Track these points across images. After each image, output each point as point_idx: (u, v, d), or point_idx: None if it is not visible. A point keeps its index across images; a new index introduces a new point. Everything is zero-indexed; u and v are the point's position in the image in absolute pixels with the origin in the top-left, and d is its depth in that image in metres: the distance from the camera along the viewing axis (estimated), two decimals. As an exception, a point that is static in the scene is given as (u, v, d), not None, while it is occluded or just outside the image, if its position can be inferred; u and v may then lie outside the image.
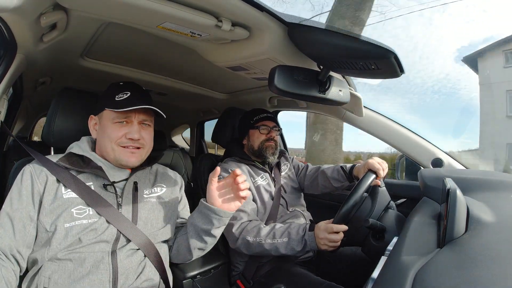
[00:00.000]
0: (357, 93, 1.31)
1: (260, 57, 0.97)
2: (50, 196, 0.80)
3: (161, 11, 0.75)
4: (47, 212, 0.78)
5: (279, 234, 1.11)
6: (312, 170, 1.55)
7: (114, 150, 0.88)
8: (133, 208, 0.88)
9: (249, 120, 1.41)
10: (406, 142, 1.44)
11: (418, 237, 0.66)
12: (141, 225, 0.88)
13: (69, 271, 0.75)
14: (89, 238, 0.78)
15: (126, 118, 0.89)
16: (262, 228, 1.14)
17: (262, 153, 1.37)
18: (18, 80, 1.33)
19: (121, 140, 0.88)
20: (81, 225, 0.79)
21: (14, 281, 0.74)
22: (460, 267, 0.46)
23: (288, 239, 1.09)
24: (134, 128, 0.89)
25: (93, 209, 0.81)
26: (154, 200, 0.95)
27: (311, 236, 1.07)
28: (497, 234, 0.58)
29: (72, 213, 0.79)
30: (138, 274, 0.83)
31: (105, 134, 0.88)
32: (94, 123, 0.94)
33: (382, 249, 0.77)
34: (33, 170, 0.83)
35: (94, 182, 0.86)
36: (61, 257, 0.76)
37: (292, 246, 1.09)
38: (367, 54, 0.76)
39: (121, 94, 0.89)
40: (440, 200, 0.87)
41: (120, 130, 0.88)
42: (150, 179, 0.99)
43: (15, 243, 0.75)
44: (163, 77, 1.54)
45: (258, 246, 1.12)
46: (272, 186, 1.37)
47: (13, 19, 0.76)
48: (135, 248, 0.84)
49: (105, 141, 0.88)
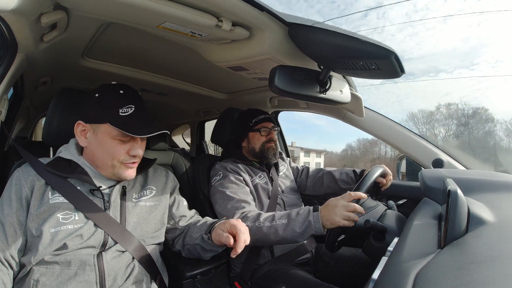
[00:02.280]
0: (357, 93, 1.31)
1: (261, 57, 0.97)
2: (37, 201, 0.79)
3: (162, 11, 0.75)
4: (33, 217, 0.77)
5: (278, 216, 1.05)
6: (314, 171, 1.55)
7: (114, 167, 0.84)
8: (121, 213, 0.87)
9: (247, 122, 1.41)
10: (406, 142, 1.44)
11: (419, 237, 0.66)
12: (130, 229, 0.86)
13: (57, 273, 0.75)
14: (75, 244, 0.78)
15: (130, 139, 0.84)
16: (262, 214, 1.10)
17: (264, 155, 1.37)
18: (19, 80, 1.33)
19: (124, 157, 0.84)
20: (67, 230, 0.77)
21: (9, 284, 0.75)
22: (461, 267, 0.46)
23: (287, 220, 1.02)
24: (139, 145, 0.86)
25: (80, 214, 0.80)
26: (143, 203, 0.92)
27: (316, 216, 0.97)
28: (498, 235, 0.58)
29: (58, 218, 0.78)
30: (127, 276, 0.82)
31: (103, 149, 0.83)
32: (83, 129, 0.85)
33: (382, 250, 0.77)
34: (21, 175, 0.82)
35: (81, 188, 0.84)
36: (48, 259, 0.76)
37: (292, 227, 1.00)
38: (367, 54, 0.76)
39: (125, 108, 0.81)
40: (441, 200, 0.87)
41: (122, 147, 0.83)
42: (139, 182, 0.97)
43: (7, 248, 0.75)
44: (164, 77, 1.54)
45: (257, 231, 1.04)
46: (269, 185, 1.38)
47: (13, 19, 0.76)
48: (122, 250, 0.83)
49: (104, 156, 0.83)
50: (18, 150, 0.91)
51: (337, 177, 1.43)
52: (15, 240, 0.76)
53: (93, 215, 0.81)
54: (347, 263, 1.30)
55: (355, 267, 1.28)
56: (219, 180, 1.27)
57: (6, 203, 0.79)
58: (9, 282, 0.75)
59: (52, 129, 0.98)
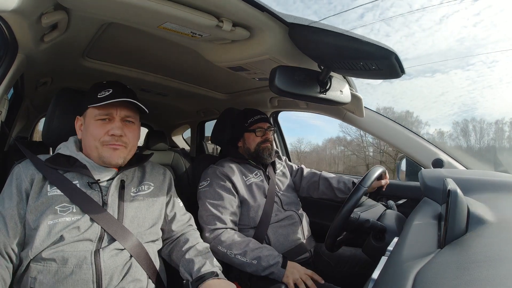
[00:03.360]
0: (357, 93, 1.31)
1: (261, 57, 0.97)
2: (35, 194, 0.81)
3: (162, 11, 0.75)
4: (31, 209, 0.79)
5: (250, 255, 1.12)
6: (309, 173, 1.54)
7: (97, 148, 0.88)
8: (119, 206, 0.88)
9: (243, 123, 1.41)
10: (406, 142, 1.44)
11: (419, 237, 0.66)
12: (127, 223, 0.87)
13: (53, 271, 0.76)
14: (71, 236, 0.79)
15: (108, 115, 0.88)
16: (235, 242, 1.15)
17: (259, 155, 1.38)
18: (19, 80, 1.33)
19: (104, 138, 0.87)
20: (64, 222, 0.79)
21: (8, 278, 0.75)
22: (460, 267, 0.46)
23: (257, 262, 1.11)
24: (116, 124, 0.88)
25: (77, 207, 0.82)
26: (141, 198, 0.94)
27: (281, 272, 1.09)
28: (497, 235, 0.58)
29: (56, 210, 0.80)
30: (124, 275, 0.83)
31: (88, 132, 0.88)
32: (80, 124, 0.93)
33: (382, 250, 0.77)
34: (21, 169, 0.84)
35: (80, 181, 0.86)
36: (45, 256, 0.76)
37: (257, 269, 1.11)
38: (368, 55, 0.76)
39: (103, 92, 0.88)
40: (441, 200, 0.87)
41: (103, 127, 0.87)
42: (138, 177, 0.99)
43: (8, 241, 0.76)
44: (164, 77, 1.54)
45: (227, 258, 1.14)
46: (265, 183, 1.38)
47: (14, 19, 0.76)
48: (120, 248, 0.84)
49: (89, 139, 0.88)
50: (19, 148, 0.92)
51: (334, 185, 1.42)
52: (16, 233, 0.77)
53: (89, 209, 0.83)
54: (347, 263, 1.30)
55: (355, 267, 1.28)
56: (205, 187, 1.29)
57: (7, 196, 0.80)
58: (8, 275, 0.75)
59: (51, 129, 0.98)
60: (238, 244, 1.14)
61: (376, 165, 1.21)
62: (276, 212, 1.32)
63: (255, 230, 1.27)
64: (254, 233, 1.27)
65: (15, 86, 1.44)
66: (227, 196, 1.25)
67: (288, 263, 1.12)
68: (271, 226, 1.28)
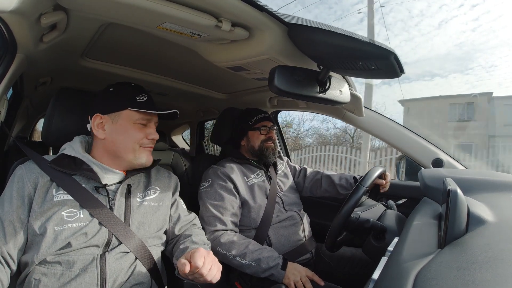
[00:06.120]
0: (357, 93, 1.31)
1: (260, 57, 0.97)
2: (40, 199, 0.79)
3: (161, 11, 0.75)
4: (36, 214, 0.77)
5: (250, 257, 1.12)
6: (311, 173, 1.55)
7: (135, 150, 0.89)
8: (126, 212, 0.87)
9: (247, 121, 1.41)
10: (406, 142, 1.44)
11: (419, 237, 0.66)
12: (133, 229, 0.87)
13: (58, 274, 0.75)
14: (79, 243, 0.77)
15: (148, 121, 0.91)
16: (235, 245, 1.14)
17: (263, 153, 1.37)
18: (18, 80, 1.33)
19: (143, 141, 0.90)
20: (71, 229, 0.77)
21: (6, 282, 0.74)
22: (461, 267, 0.46)
23: (256, 264, 1.11)
24: (153, 129, 0.93)
25: (85, 211, 0.80)
26: (147, 203, 0.93)
27: (281, 274, 1.10)
28: (498, 235, 0.58)
29: (63, 216, 0.78)
30: (128, 277, 0.82)
31: (125, 134, 0.88)
32: (100, 122, 0.88)
33: (382, 250, 0.77)
34: (24, 172, 0.81)
35: (86, 185, 0.84)
36: (50, 260, 0.75)
37: (257, 271, 1.11)
38: (367, 55, 0.76)
39: (140, 96, 0.90)
40: (441, 200, 0.87)
41: (142, 131, 0.90)
42: (143, 182, 0.98)
43: (5, 246, 0.75)
44: (163, 77, 1.54)
45: (227, 260, 1.14)
46: (267, 183, 1.37)
47: (13, 19, 0.75)
48: (126, 251, 0.83)
49: (126, 141, 0.88)
50: (21, 148, 0.91)
51: (336, 182, 1.43)
52: (14, 238, 0.76)
53: (98, 213, 0.81)
54: (348, 263, 1.30)
55: (356, 268, 1.28)
56: (206, 187, 1.29)
57: (7, 200, 0.78)
58: (6, 280, 0.74)
59: (51, 129, 0.98)
60: (238, 246, 1.14)
61: (376, 165, 1.21)
62: (278, 213, 1.32)
63: (256, 231, 1.27)
64: (255, 234, 1.27)
65: (15, 86, 1.44)
66: (228, 196, 1.25)
67: (289, 264, 1.12)
68: (272, 227, 1.28)
